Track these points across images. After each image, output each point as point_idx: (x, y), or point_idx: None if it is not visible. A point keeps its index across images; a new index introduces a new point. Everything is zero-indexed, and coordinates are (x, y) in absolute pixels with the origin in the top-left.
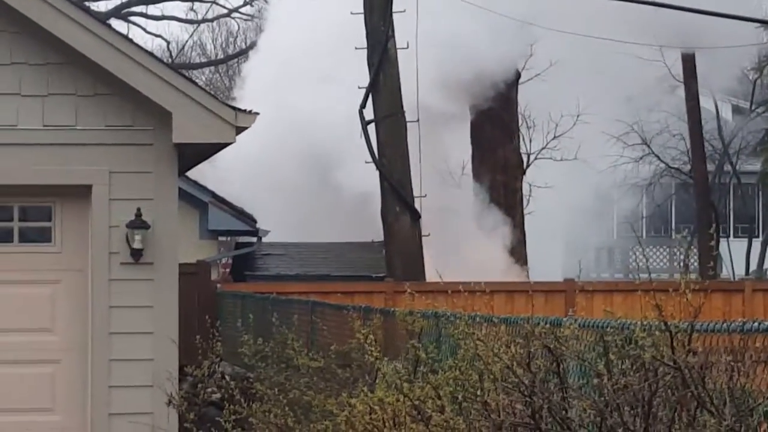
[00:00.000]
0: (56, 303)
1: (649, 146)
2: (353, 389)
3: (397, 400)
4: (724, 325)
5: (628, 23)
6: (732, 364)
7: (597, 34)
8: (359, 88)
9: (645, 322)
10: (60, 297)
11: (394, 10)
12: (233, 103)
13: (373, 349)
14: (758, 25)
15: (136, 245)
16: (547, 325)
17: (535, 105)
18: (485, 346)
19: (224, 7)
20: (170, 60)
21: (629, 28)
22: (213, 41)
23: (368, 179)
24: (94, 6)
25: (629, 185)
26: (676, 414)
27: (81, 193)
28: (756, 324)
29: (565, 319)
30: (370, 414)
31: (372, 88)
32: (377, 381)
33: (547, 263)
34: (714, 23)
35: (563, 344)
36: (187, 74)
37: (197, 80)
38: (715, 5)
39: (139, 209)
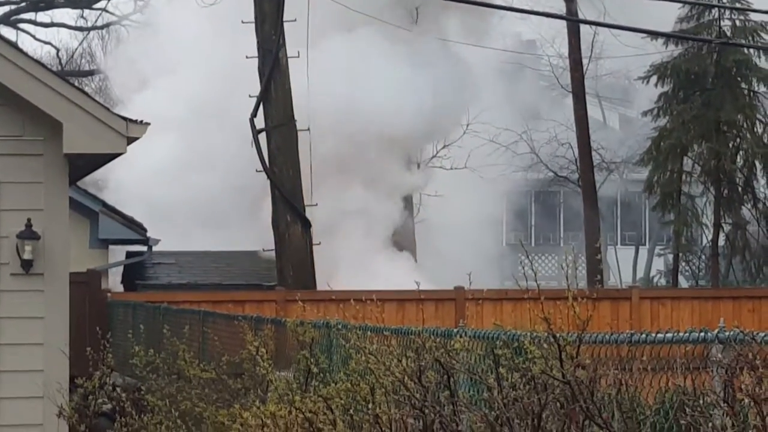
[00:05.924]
0: None
1: (537, 155)
2: (245, 400)
3: (289, 413)
4: (612, 336)
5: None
6: (620, 378)
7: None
8: (250, 96)
9: (534, 335)
10: None
11: (285, 19)
12: (123, 112)
13: (264, 360)
14: (645, 35)
15: (27, 256)
16: (438, 338)
17: None
18: (376, 360)
19: (114, 14)
20: (60, 68)
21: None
22: (103, 48)
23: (259, 187)
24: None
25: (518, 194)
26: (565, 427)
27: None
28: (643, 336)
29: (455, 330)
30: (263, 428)
31: (263, 97)
32: (269, 393)
33: (438, 271)
34: (604, 32)
35: (454, 357)
36: (77, 84)
37: (87, 88)
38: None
39: (29, 219)
